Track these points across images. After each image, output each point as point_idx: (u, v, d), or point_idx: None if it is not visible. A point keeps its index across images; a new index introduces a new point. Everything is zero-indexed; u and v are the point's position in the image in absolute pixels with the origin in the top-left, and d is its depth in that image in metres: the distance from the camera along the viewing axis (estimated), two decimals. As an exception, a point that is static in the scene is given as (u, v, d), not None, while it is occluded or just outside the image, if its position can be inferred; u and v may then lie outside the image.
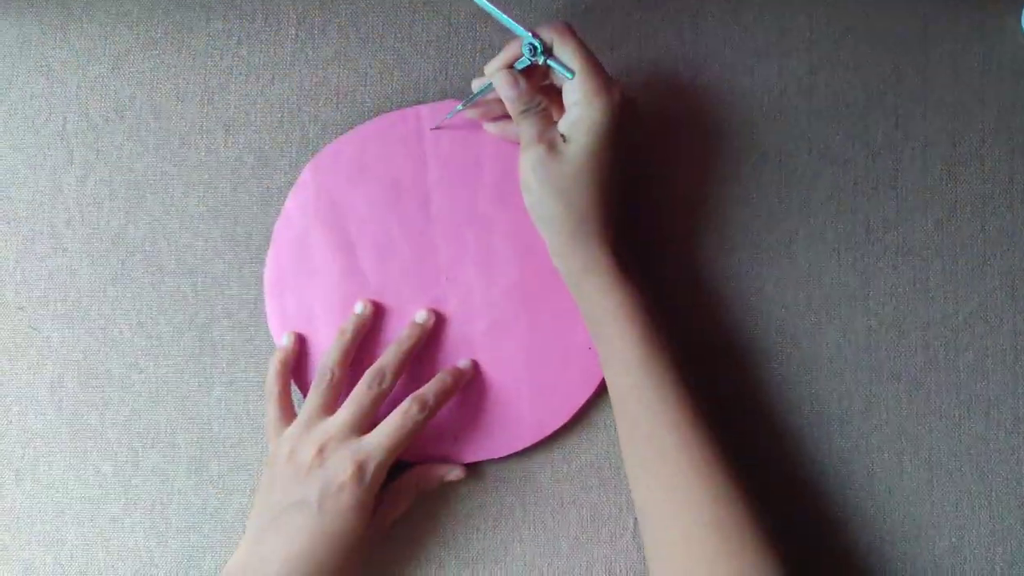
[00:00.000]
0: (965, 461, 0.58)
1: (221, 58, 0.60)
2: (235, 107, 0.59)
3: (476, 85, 0.56)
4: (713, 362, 0.58)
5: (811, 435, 0.58)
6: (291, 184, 0.59)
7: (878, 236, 0.59)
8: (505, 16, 0.53)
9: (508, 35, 0.54)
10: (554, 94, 0.54)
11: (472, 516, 0.58)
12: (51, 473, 0.58)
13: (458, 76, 0.59)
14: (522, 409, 0.57)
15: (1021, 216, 0.59)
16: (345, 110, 0.59)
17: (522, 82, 0.52)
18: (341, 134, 0.59)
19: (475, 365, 0.57)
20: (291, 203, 0.58)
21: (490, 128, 0.57)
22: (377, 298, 0.58)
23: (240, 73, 0.60)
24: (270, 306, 0.58)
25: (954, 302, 0.58)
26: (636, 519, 0.57)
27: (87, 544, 0.58)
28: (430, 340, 0.57)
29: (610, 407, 0.58)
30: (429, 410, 0.54)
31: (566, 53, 0.52)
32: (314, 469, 0.52)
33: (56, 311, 0.59)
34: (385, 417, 0.54)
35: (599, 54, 0.52)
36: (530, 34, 0.52)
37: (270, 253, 0.58)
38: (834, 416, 0.58)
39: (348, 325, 0.56)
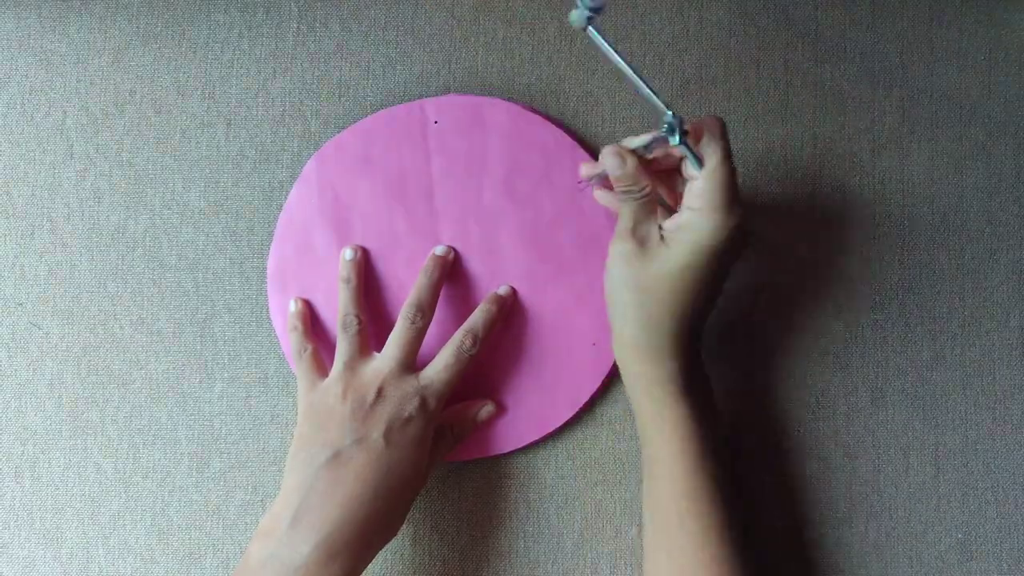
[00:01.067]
0: (972, 457, 0.57)
1: (222, 51, 0.59)
2: (236, 101, 0.59)
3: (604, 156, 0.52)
4: (717, 357, 0.58)
5: (817, 430, 0.57)
6: (293, 178, 0.58)
7: (884, 230, 0.58)
8: (647, 88, 0.46)
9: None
10: (668, 183, 0.51)
11: (475, 513, 0.57)
12: (51, 470, 0.58)
13: (461, 70, 0.59)
14: (526, 404, 0.57)
15: (1028, 210, 0.59)
16: (347, 104, 0.59)
17: (630, 161, 0.48)
18: (343, 128, 0.58)
19: (514, 292, 0.57)
20: (294, 197, 0.58)
21: (598, 195, 0.55)
22: (380, 293, 0.57)
23: (241, 67, 0.59)
24: (272, 301, 0.58)
25: (960, 296, 0.58)
26: (641, 516, 0.56)
27: (87, 542, 0.57)
28: (435, 339, 0.57)
29: (613, 402, 0.57)
30: (479, 342, 0.55)
31: (708, 147, 0.47)
32: (377, 406, 0.52)
33: (56, 307, 0.58)
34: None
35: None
36: (670, 112, 0.45)
37: (273, 247, 0.58)
38: (840, 411, 0.58)
39: (348, 273, 0.56)
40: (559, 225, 0.57)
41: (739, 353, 0.58)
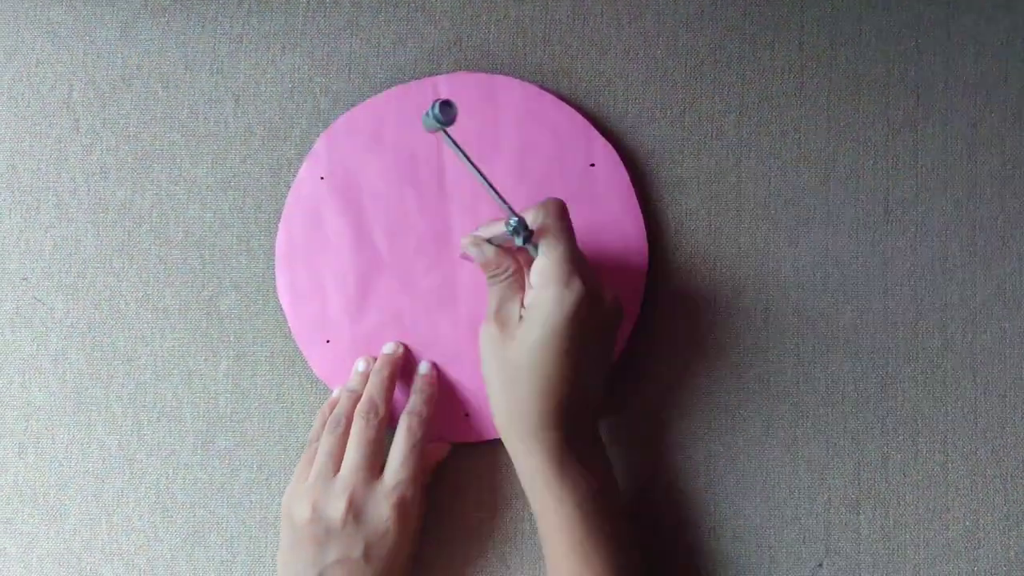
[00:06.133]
0: (981, 444, 0.57)
1: (231, 26, 0.58)
2: (245, 76, 0.58)
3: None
4: (729, 343, 0.57)
5: (826, 416, 0.57)
6: (301, 156, 0.58)
7: (897, 215, 0.58)
8: (496, 193, 0.49)
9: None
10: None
11: (482, 496, 0.57)
12: (54, 447, 0.57)
13: (472, 47, 0.58)
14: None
15: (1042, 196, 0.58)
16: (357, 81, 0.58)
17: (488, 248, 0.50)
18: (352, 105, 0.58)
19: (434, 366, 0.56)
20: (304, 173, 0.57)
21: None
22: (389, 272, 0.57)
23: (250, 42, 0.58)
24: (280, 279, 0.57)
25: (972, 283, 0.58)
26: (643, 504, 0.56)
27: (91, 519, 0.57)
28: (444, 320, 0.56)
29: (619, 388, 0.57)
30: (425, 420, 0.54)
31: (543, 228, 0.49)
32: (349, 525, 0.51)
33: (61, 282, 0.58)
34: None
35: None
36: (516, 217, 0.48)
37: (281, 225, 0.57)
38: (850, 397, 0.57)
39: (382, 365, 0.55)
40: (571, 206, 0.57)
41: (750, 339, 0.57)
